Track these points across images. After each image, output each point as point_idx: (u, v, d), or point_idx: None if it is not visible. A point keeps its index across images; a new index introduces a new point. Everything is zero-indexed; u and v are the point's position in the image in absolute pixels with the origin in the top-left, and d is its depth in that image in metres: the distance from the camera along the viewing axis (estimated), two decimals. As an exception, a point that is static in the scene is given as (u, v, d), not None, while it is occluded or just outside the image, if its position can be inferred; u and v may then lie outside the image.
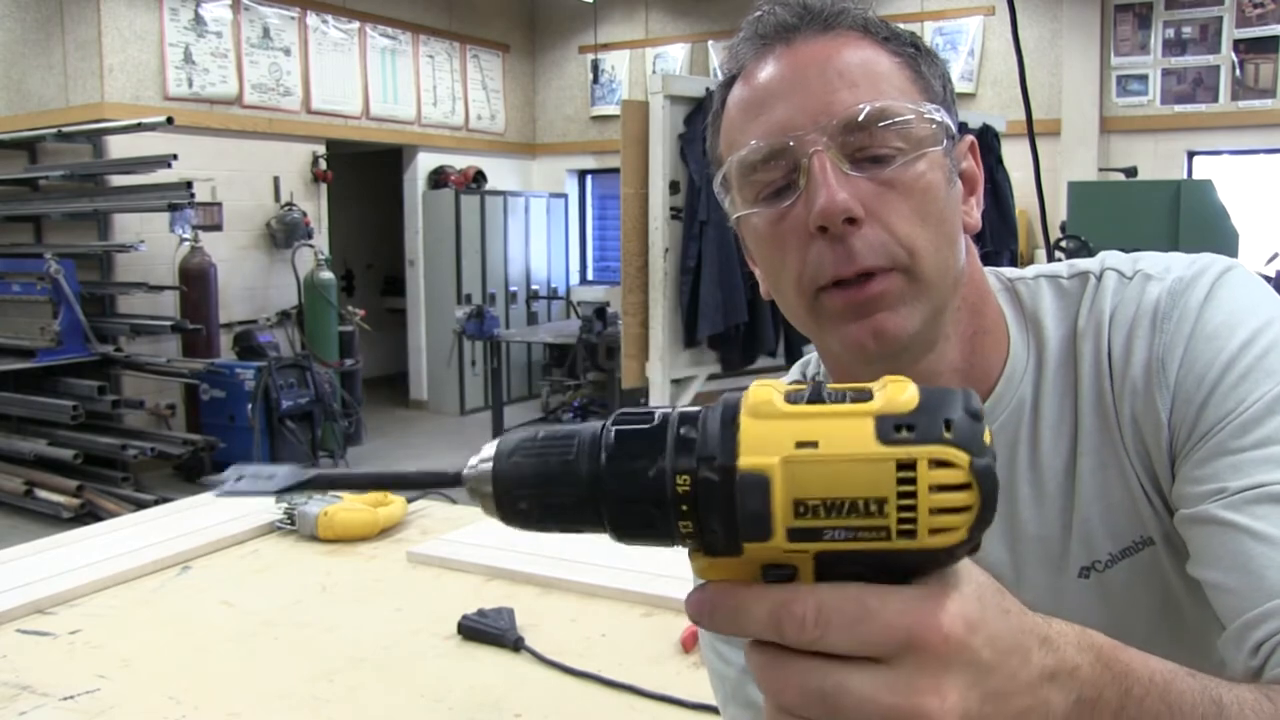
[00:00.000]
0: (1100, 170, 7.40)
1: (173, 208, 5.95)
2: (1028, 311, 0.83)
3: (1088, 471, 0.78)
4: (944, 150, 0.76)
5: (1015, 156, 6.08)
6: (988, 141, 5.86)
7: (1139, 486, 0.76)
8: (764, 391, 0.43)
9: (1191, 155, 7.54)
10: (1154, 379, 0.74)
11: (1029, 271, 0.86)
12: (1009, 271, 0.88)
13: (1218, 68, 7.29)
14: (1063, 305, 0.82)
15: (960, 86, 8.12)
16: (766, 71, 0.76)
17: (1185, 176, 7.30)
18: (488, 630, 1.40)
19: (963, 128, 0.79)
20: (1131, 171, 6.25)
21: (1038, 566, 0.81)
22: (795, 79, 0.75)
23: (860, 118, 0.72)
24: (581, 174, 10.35)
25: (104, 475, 5.93)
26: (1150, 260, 0.81)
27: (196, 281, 6.77)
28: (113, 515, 4.88)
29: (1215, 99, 7.33)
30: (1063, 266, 0.85)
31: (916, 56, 0.78)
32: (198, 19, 7.09)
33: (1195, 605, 0.75)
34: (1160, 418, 0.73)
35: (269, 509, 1.99)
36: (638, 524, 0.44)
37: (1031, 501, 0.80)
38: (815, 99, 0.73)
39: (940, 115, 0.76)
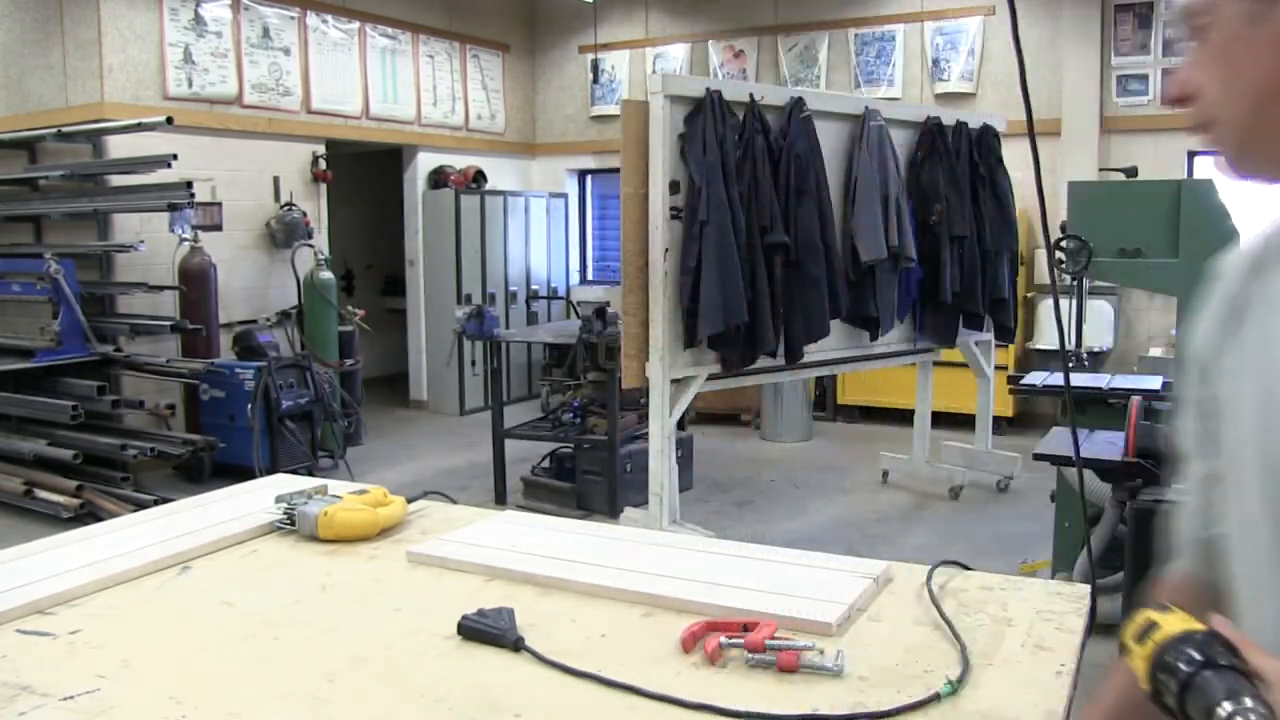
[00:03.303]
0: (1100, 170, 7.40)
1: (173, 208, 5.95)
2: None
3: None
4: None
5: (1015, 156, 6.09)
6: (988, 141, 5.86)
7: None
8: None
9: (1191, 155, 7.54)
10: None
11: None
12: None
13: (1218, 68, 7.28)
14: None
15: (960, 86, 8.13)
16: None
17: (1185, 176, 7.30)
18: (488, 630, 1.40)
19: (963, 127, 0.76)
20: (1131, 171, 6.24)
21: None
22: None
23: None
24: (581, 174, 10.35)
25: (104, 475, 5.93)
26: None
27: (196, 281, 6.77)
28: (113, 515, 4.88)
29: (1215, 99, 7.31)
30: None
31: None
32: (198, 19, 7.09)
33: None
34: None
35: (269, 509, 1.99)
36: None
37: None
38: None
39: None
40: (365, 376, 8.34)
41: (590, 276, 10.48)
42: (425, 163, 9.06)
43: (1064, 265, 4.30)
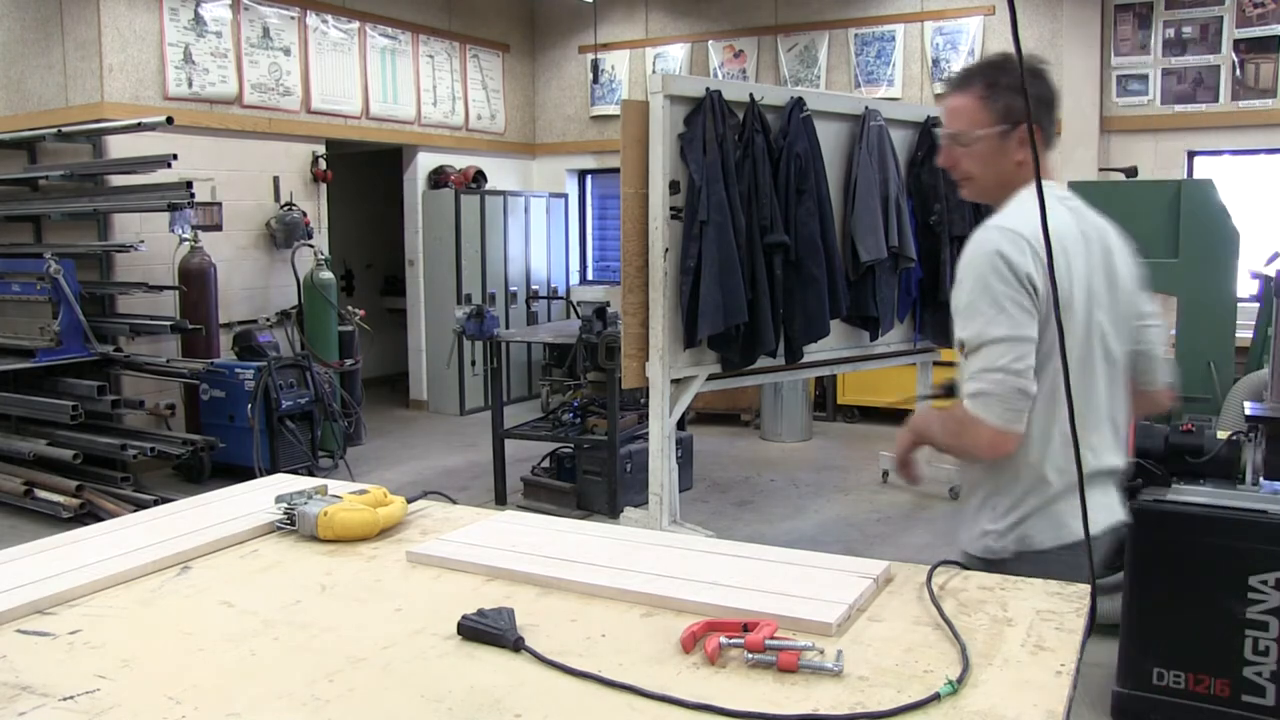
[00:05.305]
0: (1100, 170, 7.40)
1: (172, 208, 5.95)
2: None
3: None
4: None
5: (1015, 156, 6.09)
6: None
7: None
8: None
9: (1191, 155, 7.54)
10: None
11: None
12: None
13: (1218, 68, 7.29)
14: None
15: (960, 86, 8.12)
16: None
17: (1185, 176, 7.30)
18: (488, 630, 1.40)
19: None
20: (1131, 171, 6.26)
21: None
22: None
23: None
24: (581, 174, 10.35)
25: (104, 475, 5.93)
26: None
27: (196, 281, 6.77)
28: (113, 515, 4.88)
29: (1215, 99, 7.33)
30: None
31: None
32: (198, 19, 7.09)
33: None
34: None
35: (269, 509, 1.99)
36: None
37: None
38: None
39: None
40: (365, 376, 8.34)
41: (590, 276, 10.48)
42: (425, 163, 9.06)
43: (1064, 265, 4.30)
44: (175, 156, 5.97)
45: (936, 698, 1.21)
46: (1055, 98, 1.95)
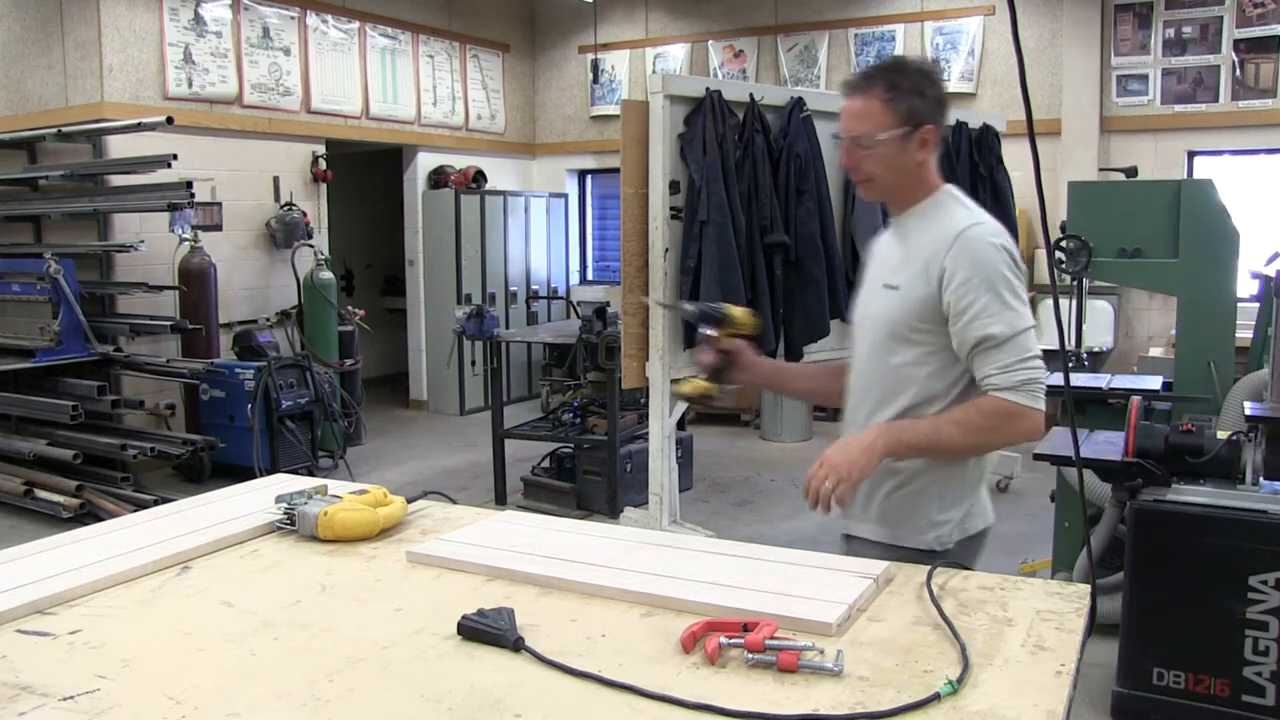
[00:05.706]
0: (1100, 170, 7.40)
1: (172, 208, 5.95)
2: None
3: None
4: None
5: (1015, 156, 6.08)
6: (988, 142, 5.86)
7: None
8: None
9: (1191, 155, 7.54)
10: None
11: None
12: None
13: (1218, 68, 7.29)
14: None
15: (960, 86, 8.12)
16: None
17: (1185, 176, 7.30)
18: (488, 630, 1.40)
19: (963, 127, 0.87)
20: (1131, 171, 6.25)
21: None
22: None
23: None
24: (581, 174, 10.35)
25: (104, 475, 5.93)
26: None
27: (196, 281, 6.77)
28: (113, 515, 4.88)
29: (1215, 99, 7.33)
30: None
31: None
32: (198, 19, 7.09)
33: None
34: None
35: (269, 509, 1.99)
36: None
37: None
38: None
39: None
40: (365, 376, 8.34)
41: (590, 276, 10.48)
42: (425, 163, 9.06)
43: (1064, 265, 4.30)
44: (175, 156, 5.97)
45: (936, 698, 1.21)
46: (948, 99, 2.04)
